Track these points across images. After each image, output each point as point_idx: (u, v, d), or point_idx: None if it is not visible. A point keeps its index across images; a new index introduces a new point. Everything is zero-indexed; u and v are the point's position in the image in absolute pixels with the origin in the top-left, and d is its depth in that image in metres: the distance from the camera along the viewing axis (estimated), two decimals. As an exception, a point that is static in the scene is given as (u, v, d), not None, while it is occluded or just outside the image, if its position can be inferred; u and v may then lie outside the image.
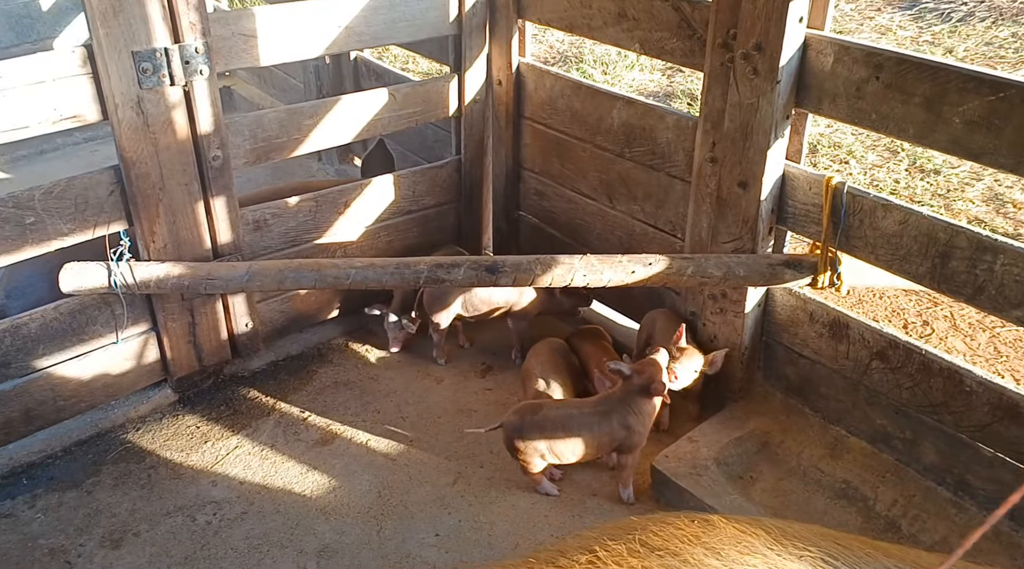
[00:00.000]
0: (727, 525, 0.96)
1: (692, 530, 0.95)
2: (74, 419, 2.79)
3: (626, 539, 0.94)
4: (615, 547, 0.93)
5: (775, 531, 0.96)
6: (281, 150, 2.94)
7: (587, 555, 0.93)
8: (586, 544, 0.95)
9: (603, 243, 3.17)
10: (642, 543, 0.93)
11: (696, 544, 0.92)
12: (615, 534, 0.96)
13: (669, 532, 0.95)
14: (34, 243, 2.49)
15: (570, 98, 3.07)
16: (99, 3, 2.30)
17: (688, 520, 0.98)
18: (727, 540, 0.93)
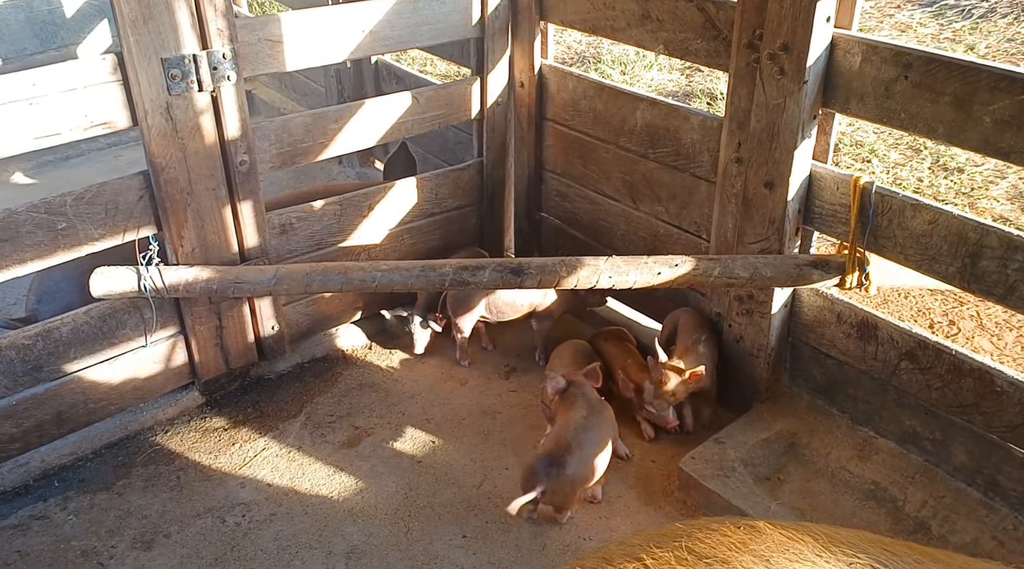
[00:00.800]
0: (774, 531, 0.96)
1: (739, 537, 0.95)
2: (104, 422, 2.82)
3: (672, 546, 0.94)
4: (662, 555, 0.93)
5: (823, 537, 0.95)
6: (306, 154, 2.96)
7: (634, 563, 0.93)
8: (632, 552, 0.95)
9: (627, 244, 3.17)
10: (689, 550, 0.93)
11: (744, 551, 0.92)
12: (660, 541, 0.96)
13: (716, 539, 0.95)
14: (66, 248, 2.52)
15: (593, 99, 3.08)
16: (129, 11, 2.33)
17: (734, 526, 0.98)
18: (775, 547, 0.93)
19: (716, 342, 2.82)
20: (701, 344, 2.74)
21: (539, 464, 2.40)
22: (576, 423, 2.50)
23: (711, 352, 2.76)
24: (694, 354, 2.70)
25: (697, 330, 2.79)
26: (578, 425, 2.49)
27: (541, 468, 2.38)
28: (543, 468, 2.38)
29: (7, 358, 2.50)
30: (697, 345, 2.73)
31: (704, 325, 2.83)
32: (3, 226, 2.37)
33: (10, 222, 2.38)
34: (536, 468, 2.39)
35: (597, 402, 2.62)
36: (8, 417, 2.55)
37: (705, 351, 2.73)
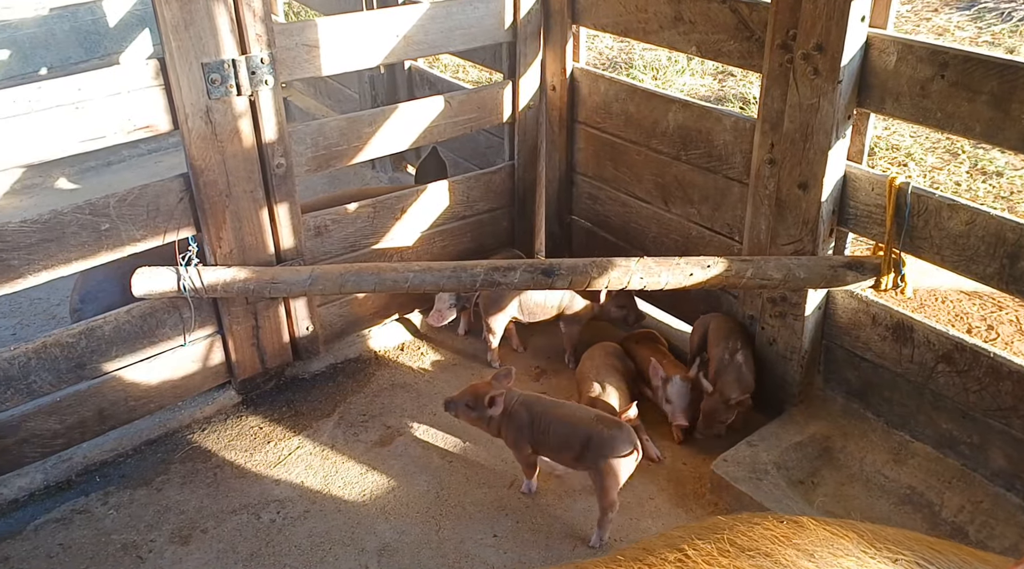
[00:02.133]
0: (818, 527, 0.95)
1: (782, 531, 0.95)
2: (144, 419, 2.88)
3: (715, 539, 0.94)
4: (704, 546, 0.93)
5: (868, 534, 0.95)
6: (341, 158, 3.01)
7: (676, 553, 0.93)
8: (673, 543, 0.96)
9: (658, 247, 3.17)
10: (731, 543, 0.93)
11: (787, 545, 0.92)
12: (702, 533, 0.96)
13: (759, 532, 0.94)
14: (109, 248, 2.58)
15: (625, 102, 3.08)
16: (171, 16, 2.39)
17: (777, 520, 0.97)
18: (819, 542, 0.92)
19: (751, 346, 2.80)
20: (739, 353, 2.71)
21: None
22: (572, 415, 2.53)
23: (749, 360, 2.73)
24: (733, 369, 2.68)
25: (730, 337, 2.77)
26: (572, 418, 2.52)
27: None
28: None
29: (52, 355, 2.57)
30: (735, 355, 2.70)
31: (736, 331, 2.81)
32: (49, 227, 2.43)
33: (56, 223, 2.44)
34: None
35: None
36: (52, 413, 2.62)
37: (744, 360, 2.71)
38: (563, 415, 2.48)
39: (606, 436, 2.39)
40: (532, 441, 2.50)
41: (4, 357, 2.48)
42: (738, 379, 2.67)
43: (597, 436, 2.39)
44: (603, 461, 2.37)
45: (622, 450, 2.38)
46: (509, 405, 2.51)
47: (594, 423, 2.43)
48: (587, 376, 2.91)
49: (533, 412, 2.50)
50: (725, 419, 2.70)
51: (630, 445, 2.39)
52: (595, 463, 2.39)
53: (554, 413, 2.49)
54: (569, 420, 2.46)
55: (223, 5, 2.45)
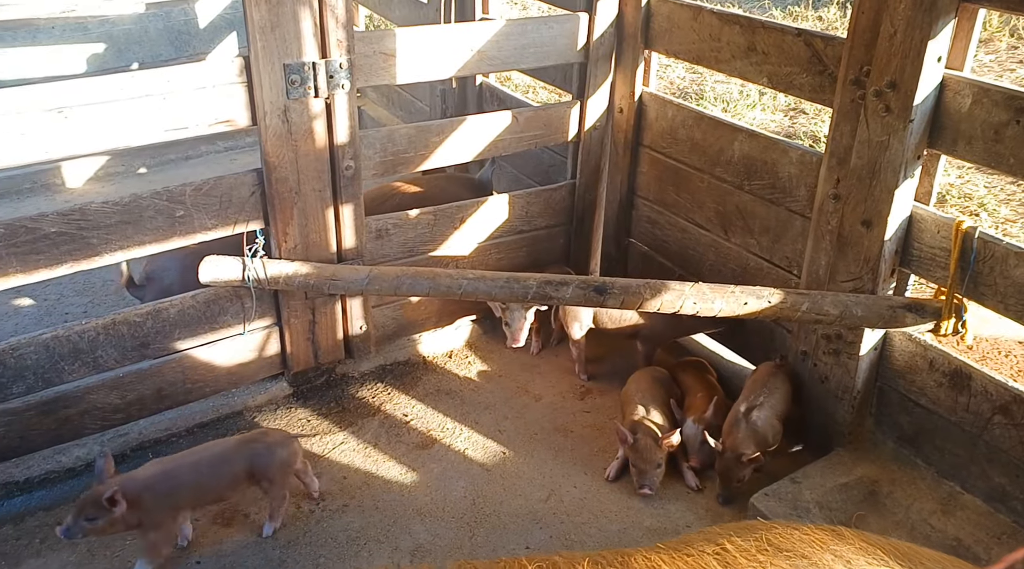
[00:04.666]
0: (855, 538, 0.96)
1: (819, 537, 0.95)
2: (198, 402, 2.98)
3: (753, 538, 0.95)
4: (743, 544, 0.94)
5: (904, 549, 0.94)
6: (407, 164, 3.09)
7: (714, 547, 0.94)
8: (712, 538, 0.97)
9: (715, 275, 3.15)
10: (769, 542, 0.94)
11: (824, 549, 0.92)
12: (740, 532, 0.97)
13: (797, 536, 0.95)
14: (181, 235, 2.69)
15: (691, 128, 3.09)
16: (260, 18, 2.50)
17: (815, 527, 0.98)
18: (855, 551, 0.93)
19: (786, 400, 2.74)
20: (758, 409, 2.64)
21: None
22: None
23: (772, 415, 2.66)
24: (747, 426, 2.62)
25: (759, 390, 2.70)
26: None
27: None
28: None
29: (119, 333, 2.69)
30: (751, 411, 2.64)
31: (770, 383, 2.73)
32: (128, 209, 2.56)
33: (135, 206, 2.56)
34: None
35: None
36: (114, 388, 2.73)
37: (761, 416, 2.63)
38: (206, 457, 2.42)
39: (268, 445, 2.47)
40: (178, 505, 2.36)
41: (75, 331, 2.61)
42: (752, 435, 2.61)
43: (260, 452, 2.45)
44: (275, 468, 2.45)
45: (286, 447, 2.49)
46: (132, 493, 2.26)
47: (244, 445, 2.46)
48: (632, 398, 2.91)
49: (164, 478, 2.34)
50: (741, 476, 2.62)
51: (286, 440, 2.51)
52: (268, 473, 2.44)
53: (191, 461, 2.40)
54: (216, 457, 2.42)
55: (308, 10, 2.56)
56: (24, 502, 2.61)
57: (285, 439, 2.52)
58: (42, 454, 2.72)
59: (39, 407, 2.60)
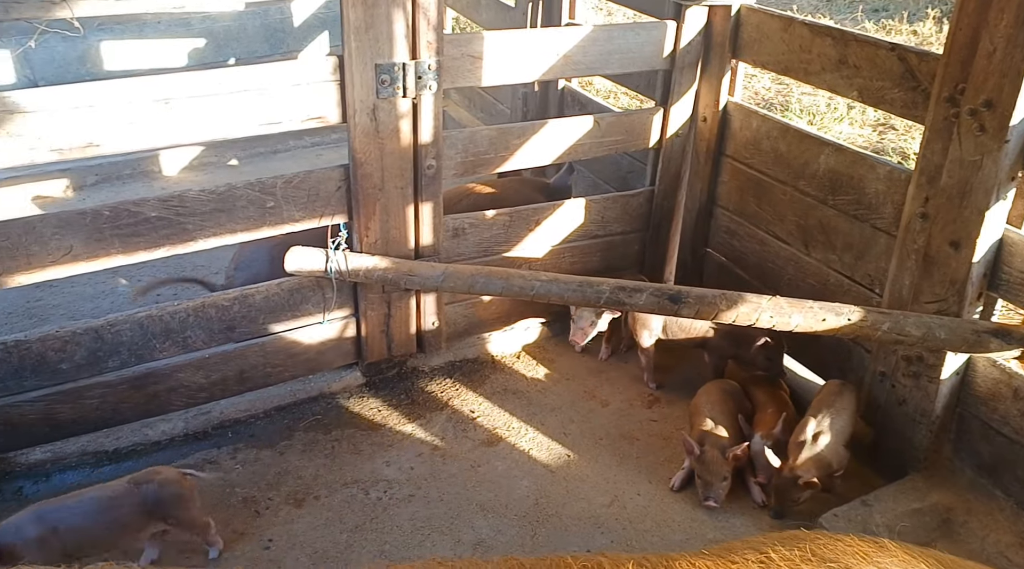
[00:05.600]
0: (898, 549, 0.95)
1: (863, 548, 0.95)
2: (277, 386, 3.10)
3: (797, 547, 0.95)
4: (787, 553, 0.94)
5: (948, 561, 0.93)
6: (488, 165, 3.14)
7: (759, 555, 0.95)
8: (756, 546, 0.98)
9: (793, 290, 3.10)
10: (813, 552, 0.94)
11: (868, 561, 0.92)
12: (784, 541, 0.98)
13: (840, 547, 0.95)
14: (270, 225, 2.80)
15: (776, 140, 3.06)
16: (355, 19, 2.59)
17: (857, 538, 0.98)
18: (899, 562, 0.92)
19: (852, 423, 2.68)
20: (825, 435, 2.59)
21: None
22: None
23: (838, 440, 2.61)
24: (811, 449, 2.58)
25: (827, 411, 2.65)
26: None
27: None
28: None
29: (208, 315, 2.82)
30: (819, 436, 2.59)
31: (838, 404, 2.68)
32: (223, 198, 2.68)
33: (229, 195, 2.69)
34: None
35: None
36: (200, 368, 2.87)
37: (828, 442, 2.59)
38: (93, 502, 2.27)
39: (159, 483, 2.32)
40: (67, 552, 2.20)
41: (168, 311, 2.75)
42: (816, 460, 2.56)
43: (154, 491, 2.30)
44: (174, 503, 2.32)
45: (179, 482, 2.35)
46: (14, 548, 2.13)
47: (133, 487, 2.31)
48: (701, 410, 2.89)
49: (48, 533, 2.18)
50: (796, 497, 2.57)
51: (178, 476, 2.37)
52: (170, 512, 2.32)
53: (76, 506, 2.26)
54: (102, 502, 2.27)
55: (402, 12, 2.63)
56: (113, 471, 2.76)
57: (176, 476, 2.39)
58: (131, 426, 2.88)
59: (131, 382, 2.75)
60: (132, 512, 2.28)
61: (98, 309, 3.67)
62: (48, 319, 3.58)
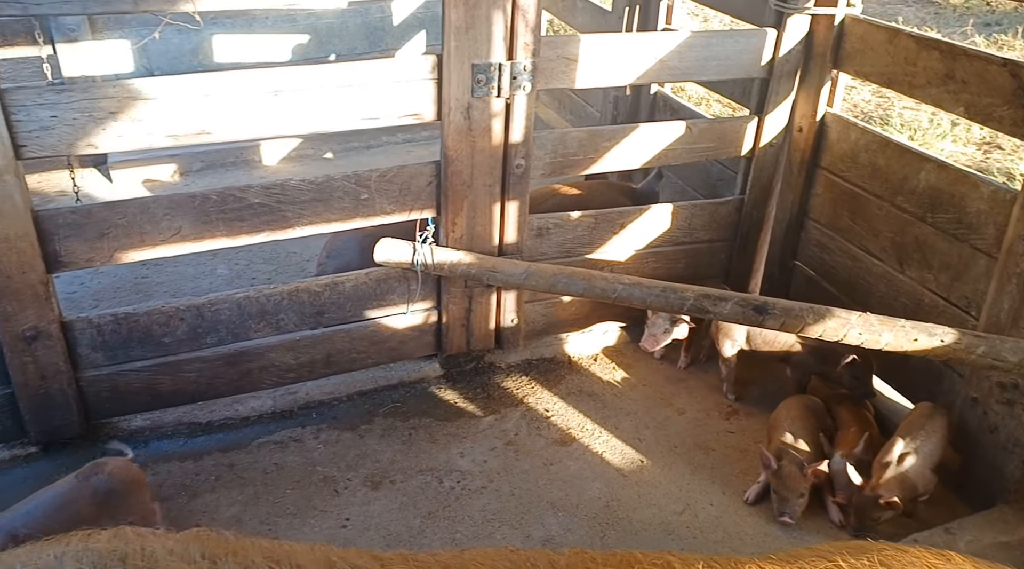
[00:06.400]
0: (965, 562, 0.93)
1: (930, 560, 0.94)
2: (360, 372, 3.20)
3: (864, 557, 0.95)
4: (855, 562, 0.94)
5: None
6: (575, 167, 3.16)
7: (826, 563, 0.95)
8: (823, 555, 0.97)
9: (884, 308, 3.02)
10: (880, 563, 0.93)
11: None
12: (852, 551, 0.97)
13: (907, 559, 0.94)
14: (363, 216, 2.90)
15: (875, 153, 2.98)
16: (456, 19, 2.65)
17: (924, 550, 0.96)
18: None
19: (943, 446, 2.60)
20: (912, 456, 2.52)
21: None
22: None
23: (925, 463, 2.54)
24: (896, 470, 2.51)
25: (916, 433, 2.58)
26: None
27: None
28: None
29: (300, 300, 2.93)
30: (905, 457, 2.52)
31: (929, 426, 2.60)
32: (321, 188, 2.79)
33: (327, 186, 2.79)
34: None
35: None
36: (290, 349, 2.99)
37: (915, 463, 2.52)
38: (47, 502, 2.23)
39: (108, 474, 2.29)
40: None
41: (264, 293, 2.88)
42: (900, 481, 2.49)
43: (104, 482, 2.27)
44: (129, 494, 2.29)
45: (127, 470, 2.32)
46: None
47: (83, 481, 2.26)
48: (780, 424, 2.84)
49: (7, 541, 2.11)
50: (877, 518, 2.50)
51: (125, 464, 2.33)
52: (123, 501, 2.27)
53: (33, 510, 2.22)
54: (56, 501, 2.23)
55: (502, 13, 2.69)
56: (204, 442, 2.91)
57: (125, 464, 2.39)
58: (223, 401, 3.02)
59: (226, 358, 2.89)
60: (86, 506, 2.26)
61: (197, 289, 3.86)
62: (152, 295, 3.79)
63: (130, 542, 1.06)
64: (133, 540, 1.07)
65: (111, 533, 1.10)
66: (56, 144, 2.37)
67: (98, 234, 2.53)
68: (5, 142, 2.28)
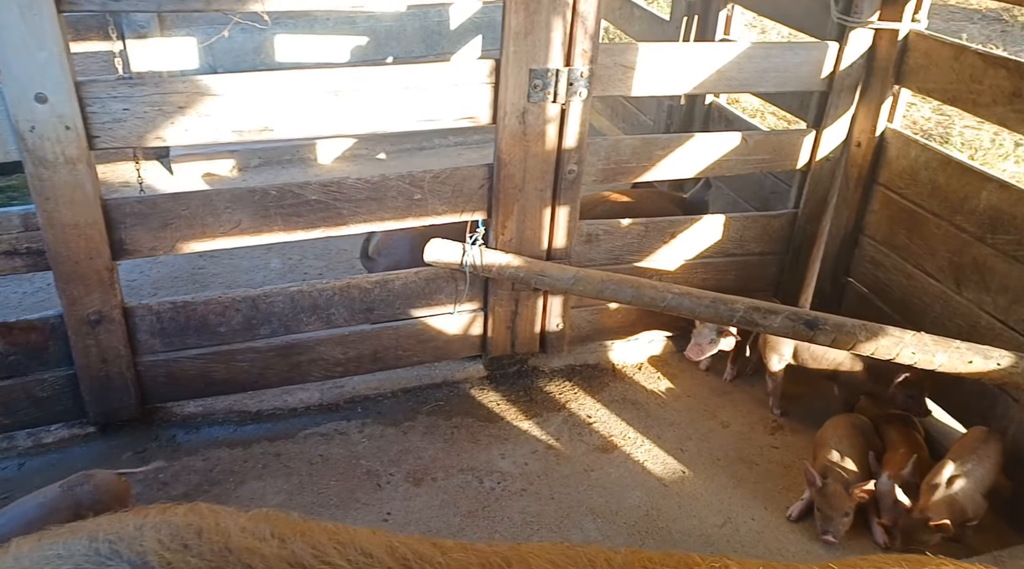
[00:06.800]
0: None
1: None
2: (405, 369, 3.24)
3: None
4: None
5: None
6: (628, 174, 3.16)
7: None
8: (879, 564, 0.97)
9: (938, 329, 2.94)
10: None
11: None
12: (911, 564, 0.96)
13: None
14: (415, 216, 2.94)
15: (935, 171, 2.92)
16: (516, 24, 2.68)
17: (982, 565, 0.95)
18: None
19: (996, 470, 2.53)
20: (963, 478, 2.46)
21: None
22: None
23: (976, 487, 2.47)
24: (946, 493, 2.45)
25: (968, 456, 2.52)
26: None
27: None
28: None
29: (351, 295, 2.99)
30: (955, 480, 2.46)
31: (982, 450, 2.54)
32: (376, 187, 2.84)
33: (382, 185, 2.84)
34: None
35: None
36: (339, 343, 3.05)
37: (966, 486, 2.46)
38: (32, 511, 2.20)
39: (95, 485, 2.26)
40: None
41: (316, 288, 2.94)
42: (949, 503, 2.43)
43: (90, 493, 2.25)
44: (115, 507, 2.13)
45: (114, 484, 2.29)
46: None
47: (69, 490, 2.23)
48: (827, 442, 2.80)
49: None
50: (924, 540, 2.44)
51: (111, 476, 2.31)
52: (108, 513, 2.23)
53: (17, 517, 2.20)
54: (41, 509, 2.20)
55: (561, 20, 2.71)
56: (253, 431, 2.98)
57: (112, 476, 2.38)
58: (273, 392, 3.09)
59: (278, 350, 2.95)
60: (70, 516, 2.20)
61: (252, 281, 3.95)
62: (208, 286, 3.90)
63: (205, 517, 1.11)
64: (208, 515, 1.12)
65: (187, 508, 1.15)
66: (127, 136, 2.46)
67: (162, 224, 2.61)
68: (80, 132, 2.38)
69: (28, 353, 2.67)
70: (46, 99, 2.31)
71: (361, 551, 1.10)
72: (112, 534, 1.09)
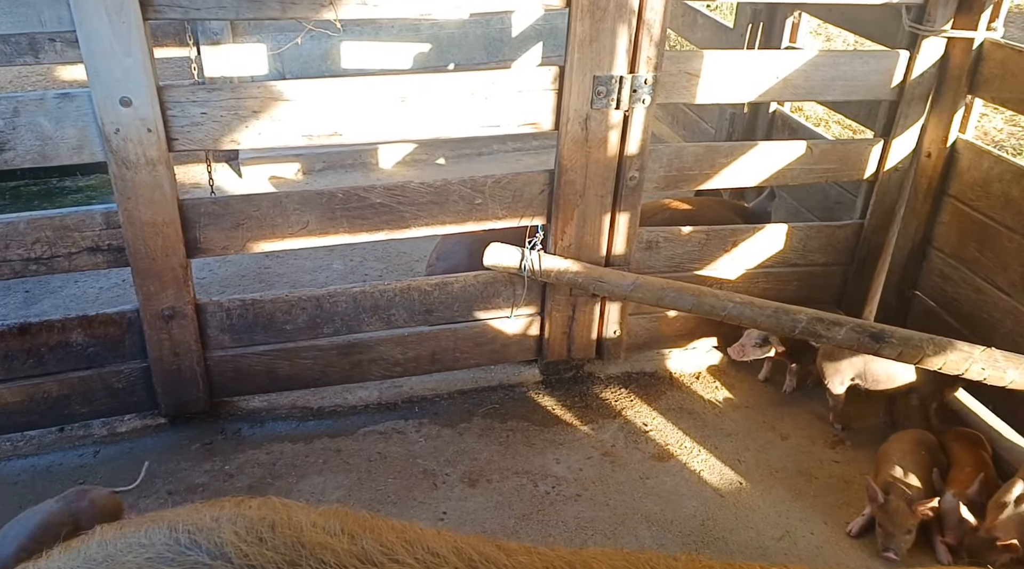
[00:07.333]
0: None
1: None
2: (462, 371, 3.28)
3: None
4: None
5: None
6: (690, 181, 3.15)
7: None
8: None
9: (1008, 345, 2.85)
10: None
11: None
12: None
13: None
14: (476, 220, 2.98)
15: (1009, 183, 2.84)
16: (581, 31, 2.70)
17: None
18: None
19: None
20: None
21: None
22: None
23: None
24: (1011, 511, 2.38)
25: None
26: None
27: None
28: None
29: (411, 297, 3.04)
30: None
31: None
32: (438, 191, 2.89)
33: (444, 190, 2.89)
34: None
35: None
36: (398, 344, 3.10)
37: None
38: (30, 527, 2.24)
39: (91, 501, 2.31)
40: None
41: (378, 289, 3.00)
42: (1018, 522, 2.35)
43: (87, 509, 2.29)
44: (104, 512, 2.30)
45: (109, 501, 2.34)
46: None
47: (64, 504, 2.28)
48: (890, 457, 2.74)
49: None
50: (991, 561, 2.36)
51: (106, 494, 2.37)
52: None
53: (17, 533, 2.23)
54: (40, 525, 2.24)
55: (626, 27, 2.72)
56: (315, 426, 3.05)
57: (107, 494, 2.43)
58: (333, 389, 3.17)
59: (340, 348, 3.03)
60: (70, 530, 2.24)
61: (315, 281, 4.05)
62: (273, 285, 4.01)
63: (278, 511, 1.16)
64: (280, 510, 1.17)
65: (260, 502, 1.20)
66: (203, 139, 2.55)
67: (234, 224, 2.70)
68: (160, 135, 2.48)
69: (106, 345, 2.80)
70: (130, 103, 2.42)
71: (428, 550, 1.13)
72: (191, 525, 1.15)
